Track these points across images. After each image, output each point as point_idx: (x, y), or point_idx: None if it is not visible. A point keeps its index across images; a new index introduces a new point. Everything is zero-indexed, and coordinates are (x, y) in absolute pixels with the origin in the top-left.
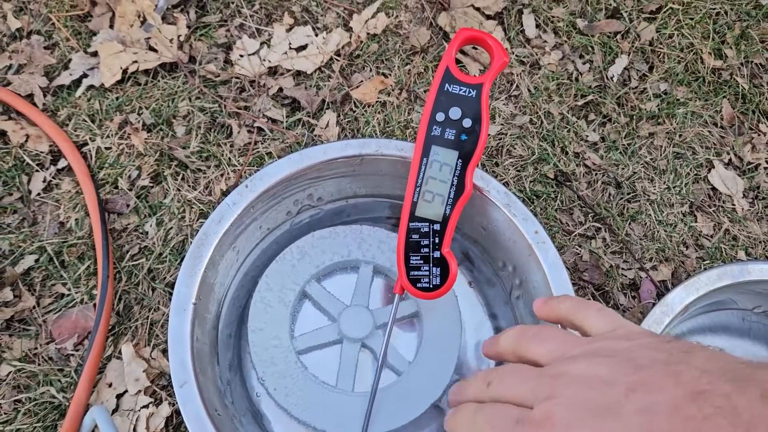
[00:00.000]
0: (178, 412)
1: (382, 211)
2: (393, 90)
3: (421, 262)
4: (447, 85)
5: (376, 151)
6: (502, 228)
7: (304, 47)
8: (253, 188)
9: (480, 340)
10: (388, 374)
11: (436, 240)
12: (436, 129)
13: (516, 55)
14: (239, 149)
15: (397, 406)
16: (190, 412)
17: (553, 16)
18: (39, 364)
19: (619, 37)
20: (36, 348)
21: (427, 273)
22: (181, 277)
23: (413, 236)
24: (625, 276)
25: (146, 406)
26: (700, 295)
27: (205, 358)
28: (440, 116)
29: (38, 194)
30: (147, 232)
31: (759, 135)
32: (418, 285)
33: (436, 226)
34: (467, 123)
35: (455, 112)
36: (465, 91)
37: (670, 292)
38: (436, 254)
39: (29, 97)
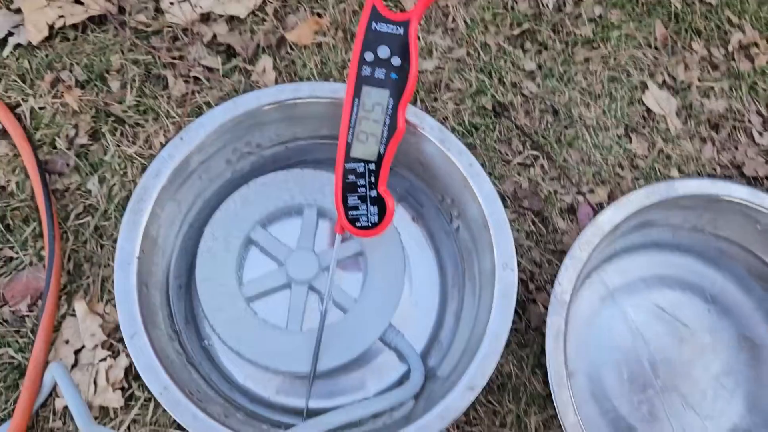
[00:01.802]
0: (132, 366)
1: (324, 153)
2: (329, 30)
3: (359, 201)
4: (374, 23)
5: (310, 94)
6: (438, 163)
7: None
8: (189, 140)
9: (425, 273)
10: (335, 312)
11: (372, 179)
12: (365, 69)
13: None
14: (177, 100)
15: (344, 342)
16: (142, 361)
17: None
18: None
19: None
20: None
21: (365, 212)
22: (122, 233)
23: (350, 177)
24: (564, 201)
25: (104, 359)
26: (630, 214)
27: (155, 310)
28: (369, 56)
29: None
30: (90, 190)
31: (692, 54)
32: (357, 224)
33: (372, 166)
34: (396, 61)
35: (384, 51)
36: (393, 29)
37: (601, 214)
38: (373, 193)
39: None
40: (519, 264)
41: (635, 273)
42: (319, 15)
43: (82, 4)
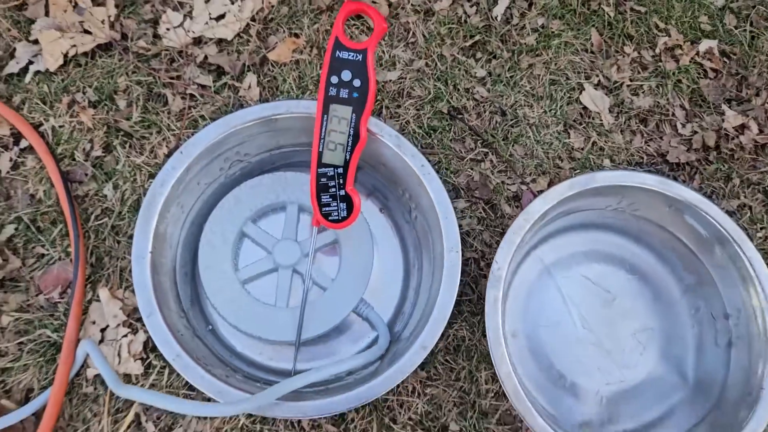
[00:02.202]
0: (150, 339)
1: (302, 157)
2: (305, 48)
3: (330, 199)
4: (338, 52)
5: (287, 111)
6: (396, 164)
7: (222, 16)
8: (188, 153)
9: (390, 256)
10: (316, 290)
11: (341, 181)
12: (332, 90)
13: (412, 4)
14: (175, 115)
15: (323, 315)
16: (158, 335)
17: None
18: (33, 313)
19: None
20: (28, 300)
21: (336, 208)
22: (137, 233)
23: (322, 179)
24: (510, 190)
25: (125, 336)
26: (555, 203)
27: (166, 293)
28: (335, 79)
29: (7, 172)
30: (106, 195)
31: (623, 56)
32: (330, 218)
33: (340, 170)
34: (357, 83)
35: (347, 75)
36: (353, 56)
37: (531, 204)
38: (342, 192)
39: None
40: (472, 245)
41: (567, 250)
42: (296, 35)
43: (90, 33)
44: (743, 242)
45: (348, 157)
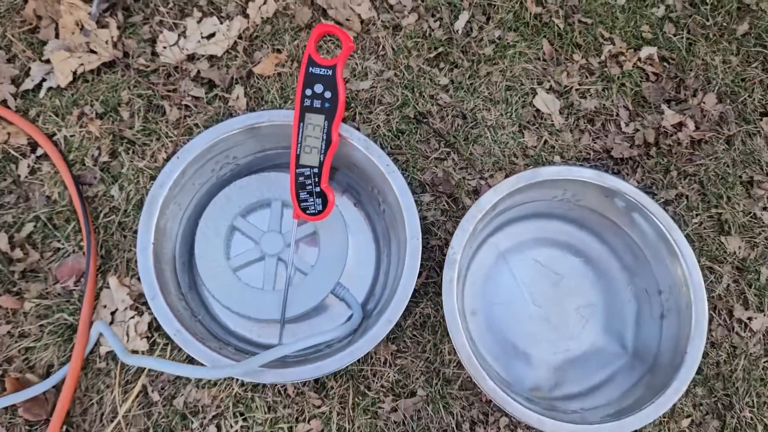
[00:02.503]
0: (155, 319)
1: (284, 159)
2: (286, 62)
3: (308, 195)
4: (311, 68)
5: (268, 120)
6: (365, 164)
7: (213, 35)
8: (183, 158)
9: (364, 244)
10: (298, 275)
11: (316, 180)
12: (307, 101)
13: (381, 21)
14: (172, 124)
15: (304, 296)
16: (160, 314)
17: None
18: (51, 299)
19: None
20: (47, 288)
21: (312, 203)
22: (140, 228)
23: (300, 178)
24: (470, 184)
25: (132, 317)
26: (503, 195)
27: (167, 280)
28: (309, 92)
29: (26, 177)
30: (113, 196)
31: (572, 63)
32: (308, 211)
33: (315, 170)
34: (328, 94)
35: (319, 87)
36: (324, 71)
37: (482, 196)
38: (317, 189)
39: (3, 103)
40: (436, 234)
41: (519, 237)
42: (279, 51)
43: (95, 53)
44: (670, 227)
45: (322, 159)
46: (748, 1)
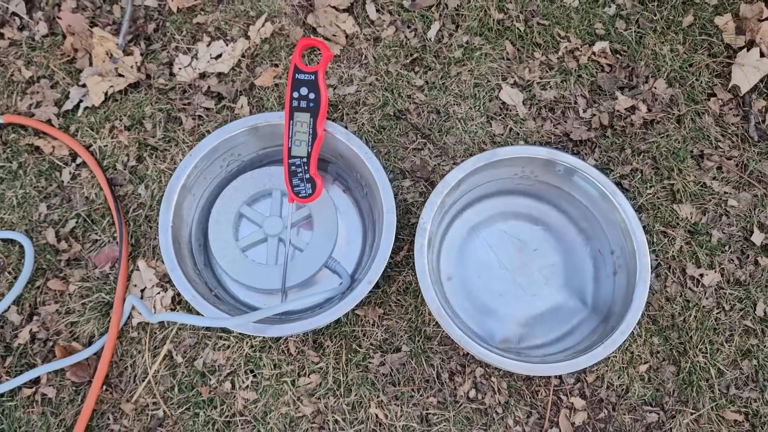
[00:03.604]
0: (178, 294)
1: (282, 155)
2: (283, 74)
3: (300, 182)
4: (297, 74)
5: (265, 121)
6: (348, 153)
7: (220, 55)
8: (195, 155)
9: (353, 223)
10: (296, 252)
11: (306, 167)
12: (294, 102)
13: (364, 35)
14: (188, 131)
15: (301, 269)
16: (180, 283)
17: (387, 2)
18: (91, 282)
19: (433, 8)
20: (87, 273)
21: (303, 188)
22: (161, 213)
23: (292, 167)
24: (444, 169)
25: (158, 293)
26: (467, 173)
27: (184, 257)
28: (296, 94)
29: (68, 182)
30: (140, 194)
31: (533, 60)
32: (300, 195)
33: (305, 160)
34: (312, 96)
35: (304, 90)
36: (308, 77)
37: (447, 174)
38: (307, 176)
39: (48, 122)
40: (416, 213)
41: (488, 212)
42: (276, 65)
43: (123, 76)
44: (615, 193)
45: (309, 150)
46: None
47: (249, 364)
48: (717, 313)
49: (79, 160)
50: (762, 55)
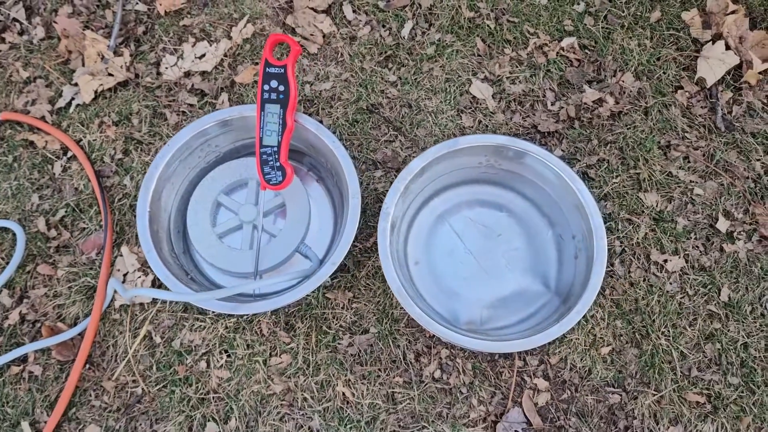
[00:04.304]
0: (158, 279)
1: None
2: None
3: (271, 170)
4: (267, 68)
5: (239, 114)
6: (317, 144)
7: (204, 55)
8: (172, 146)
9: (324, 211)
10: (269, 238)
11: (276, 156)
12: (265, 94)
13: (340, 34)
14: (172, 126)
15: (274, 254)
16: (154, 264)
17: (363, 3)
18: (78, 267)
19: (407, 8)
20: (75, 259)
21: (274, 175)
22: (139, 198)
23: (263, 156)
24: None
25: (140, 277)
26: (430, 161)
27: (161, 241)
28: (266, 87)
29: (59, 174)
30: (125, 185)
31: (503, 56)
32: (271, 182)
33: (275, 149)
34: (281, 88)
35: (274, 83)
36: (278, 70)
37: (411, 162)
38: (278, 164)
39: (42, 118)
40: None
41: (454, 201)
42: (256, 63)
43: (112, 75)
44: (574, 179)
45: (280, 139)
46: None
47: (224, 344)
48: (681, 298)
49: (69, 154)
50: (727, 47)
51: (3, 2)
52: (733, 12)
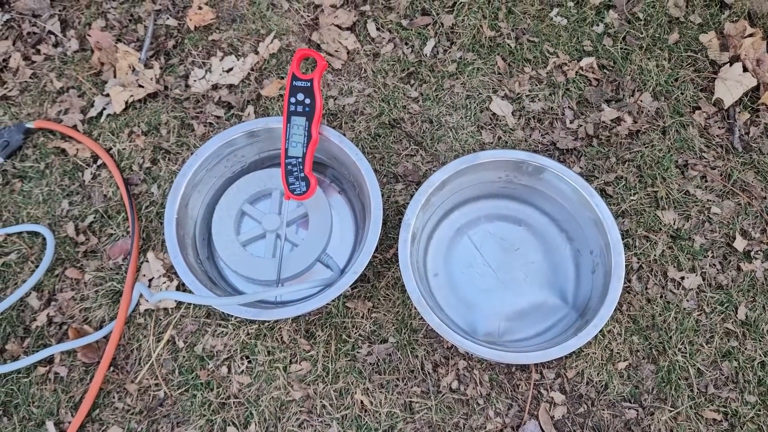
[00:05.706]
0: (182, 284)
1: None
2: None
3: (295, 180)
4: (294, 81)
5: (264, 125)
6: (340, 155)
7: (231, 69)
8: (200, 155)
9: (346, 221)
10: (291, 247)
11: (301, 167)
12: (292, 107)
13: (364, 50)
14: (199, 137)
15: (296, 263)
16: (180, 268)
17: (387, 21)
18: (105, 272)
19: (429, 26)
20: (102, 264)
21: (299, 186)
22: (167, 205)
23: (288, 166)
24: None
25: (165, 283)
26: (450, 174)
27: (187, 247)
28: (293, 99)
29: (89, 181)
30: (153, 192)
31: (523, 74)
32: (295, 192)
33: (300, 160)
34: (308, 101)
35: (301, 96)
36: (304, 84)
37: (432, 174)
38: (302, 175)
39: (74, 127)
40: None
41: (474, 214)
42: (282, 77)
43: (143, 87)
44: (592, 194)
45: (305, 151)
46: (677, 15)
47: (245, 350)
48: (697, 315)
49: (99, 162)
50: (745, 69)
51: (39, 15)
52: (750, 35)
